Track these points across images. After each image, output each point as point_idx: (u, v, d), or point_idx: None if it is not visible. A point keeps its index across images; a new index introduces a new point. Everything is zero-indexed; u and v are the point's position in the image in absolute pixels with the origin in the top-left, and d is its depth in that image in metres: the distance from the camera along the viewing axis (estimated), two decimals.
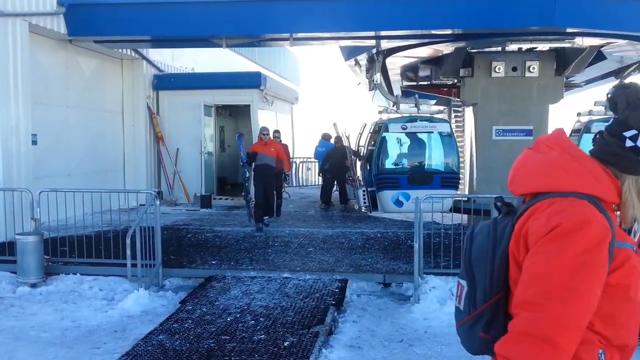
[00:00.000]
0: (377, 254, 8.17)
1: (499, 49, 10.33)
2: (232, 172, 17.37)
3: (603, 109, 10.93)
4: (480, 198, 9.36)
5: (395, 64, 11.99)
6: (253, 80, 14.02)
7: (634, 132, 1.49)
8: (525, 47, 10.17)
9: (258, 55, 20.31)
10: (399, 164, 10.80)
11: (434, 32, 9.60)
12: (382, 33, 9.79)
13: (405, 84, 13.26)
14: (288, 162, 12.20)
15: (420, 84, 12.97)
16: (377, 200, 10.50)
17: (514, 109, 10.47)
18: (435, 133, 10.55)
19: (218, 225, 10.69)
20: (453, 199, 9.57)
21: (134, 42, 11.75)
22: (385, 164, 10.61)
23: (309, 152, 16.49)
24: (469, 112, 11.88)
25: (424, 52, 11.02)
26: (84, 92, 11.92)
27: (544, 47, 10.19)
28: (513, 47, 10.05)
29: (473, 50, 10.42)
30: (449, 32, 9.55)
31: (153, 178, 13.83)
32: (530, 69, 10.35)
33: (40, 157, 10.13)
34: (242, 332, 5.17)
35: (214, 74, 15.40)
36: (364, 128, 12.35)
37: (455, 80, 11.55)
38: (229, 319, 5.50)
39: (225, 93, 14.11)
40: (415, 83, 13.05)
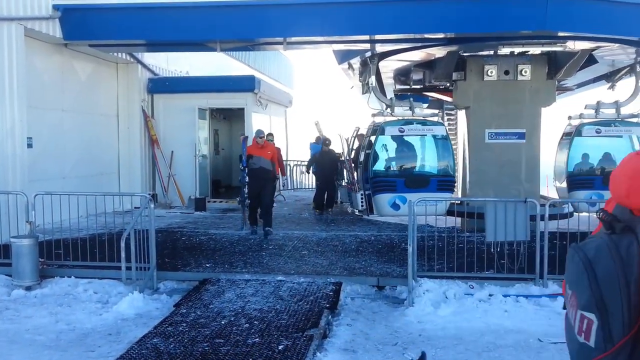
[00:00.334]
0: (371, 257, 8.23)
1: (491, 53, 10.43)
2: (226, 175, 17.41)
3: (593, 112, 11.02)
4: (474, 201, 9.46)
5: (388, 68, 12.07)
6: (247, 84, 14.09)
7: None
8: (518, 50, 10.27)
9: (252, 59, 20.37)
10: (396, 167, 10.82)
11: (427, 35, 9.68)
12: (375, 37, 9.87)
13: (398, 88, 13.33)
14: (282, 166, 11.98)
15: (413, 88, 13.04)
16: (372, 204, 10.45)
17: (507, 112, 10.56)
18: (431, 136, 10.60)
19: (212, 228, 10.72)
20: (449, 202, 9.64)
21: (129, 46, 11.78)
22: (382, 167, 10.61)
23: (303, 155, 16.55)
24: (462, 115, 11.96)
25: (417, 55, 11.10)
26: (79, 95, 11.94)
27: (536, 50, 10.29)
28: (505, 50, 10.16)
29: (465, 54, 10.51)
30: (442, 36, 9.64)
31: (148, 181, 13.86)
32: (523, 73, 10.44)
33: (36, 160, 10.15)
34: (236, 335, 5.20)
35: (209, 78, 15.46)
36: (358, 131, 12.36)
37: (448, 84, 11.63)
38: (223, 322, 5.54)
39: (220, 96, 14.18)
40: (408, 86, 13.12)
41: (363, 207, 10.62)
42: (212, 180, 15.11)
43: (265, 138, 10.87)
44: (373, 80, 10.68)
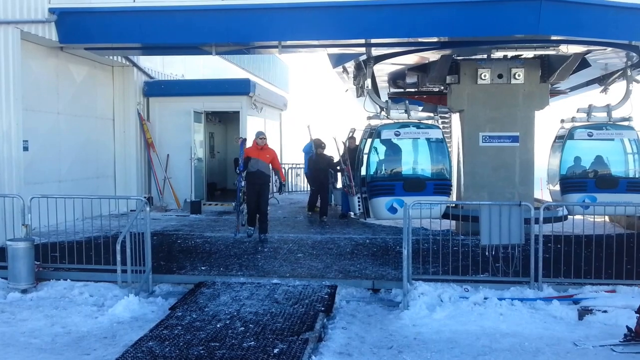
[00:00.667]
0: (366, 260, 8.26)
1: (485, 56, 10.51)
2: (221, 177, 17.43)
3: (585, 116, 11.13)
4: (469, 205, 9.50)
5: (383, 71, 12.13)
6: (242, 87, 14.12)
7: None
8: (511, 54, 10.35)
9: (247, 62, 20.41)
10: (393, 171, 10.81)
11: (421, 39, 9.74)
12: (370, 41, 9.92)
13: (393, 91, 13.38)
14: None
15: (407, 91, 13.10)
16: (368, 207, 10.41)
17: (500, 116, 10.63)
18: (428, 139, 10.63)
19: (208, 231, 10.73)
20: (445, 206, 9.67)
21: (125, 49, 11.79)
22: (379, 171, 10.61)
23: (298, 158, 16.57)
24: (456, 118, 12.03)
25: (411, 59, 11.16)
26: (75, 98, 11.94)
27: (529, 54, 10.37)
28: (499, 54, 10.23)
29: (459, 58, 10.58)
30: (436, 39, 9.70)
31: (143, 184, 13.85)
32: (516, 76, 10.53)
33: (32, 163, 10.15)
34: (231, 338, 5.22)
35: (204, 81, 15.48)
36: (354, 133, 12.35)
37: (442, 87, 11.70)
38: (219, 326, 5.56)
39: (215, 100, 14.20)
40: (403, 90, 13.18)
41: (360, 210, 10.62)
42: (207, 183, 15.12)
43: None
44: (369, 83, 10.73)
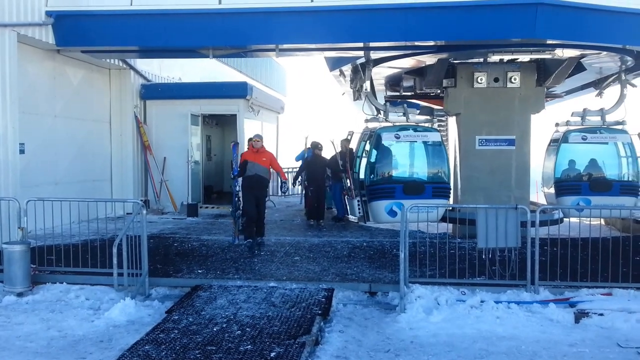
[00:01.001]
0: (363, 263, 8.26)
1: (481, 60, 10.55)
2: (218, 180, 17.41)
3: (580, 120, 11.24)
4: (465, 208, 9.53)
5: (379, 74, 12.17)
6: (239, 90, 14.15)
7: None
8: (507, 58, 10.40)
9: (245, 66, 20.43)
10: (393, 174, 10.80)
11: (418, 43, 9.77)
12: (367, 45, 9.95)
13: (389, 94, 13.42)
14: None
15: (404, 94, 13.14)
16: (367, 211, 10.36)
17: (497, 119, 10.68)
18: (427, 142, 10.66)
19: (204, 234, 10.71)
20: (445, 209, 9.69)
21: (122, 52, 11.80)
22: (379, 174, 10.60)
23: (295, 161, 16.55)
24: (453, 121, 12.06)
25: (408, 62, 11.20)
26: (72, 101, 11.93)
27: (525, 58, 10.43)
28: (495, 58, 10.28)
29: (456, 61, 10.62)
30: (432, 43, 9.73)
31: (140, 187, 13.84)
32: (512, 80, 10.58)
33: (28, 166, 10.13)
34: (228, 342, 5.21)
35: (201, 84, 15.50)
36: (352, 136, 12.35)
37: (439, 91, 11.73)
38: (215, 329, 5.54)
39: (212, 103, 14.24)
40: (399, 93, 13.22)
41: (360, 214, 10.59)
42: (204, 186, 15.11)
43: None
44: (368, 86, 10.75)
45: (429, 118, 11.31)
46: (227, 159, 16.69)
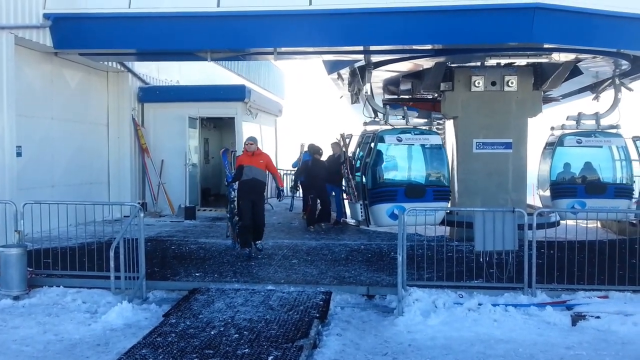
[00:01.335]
0: (360, 266, 8.26)
1: (479, 64, 10.59)
2: (216, 183, 17.40)
3: (575, 123, 11.35)
4: (463, 211, 9.54)
5: (377, 78, 12.19)
6: (237, 93, 14.15)
7: None
8: (504, 62, 10.44)
9: (243, 68, 20.44)
10: (395, 177, 10.79)
11: (415, 47, 9.80)
12: (364, 48, 9.97)
13: (387, 97, 13.45)
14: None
15: (402, 97, 13.18)
16: (369, 214, 10.32)
17: (494, 123, 10.72)
18: (428, 145, 10.68)
19: (202, 237, 10.70)
20: (445, 211, 9.70)
21: (120, 55, 11.79)
22: (382, 177, 10.58)
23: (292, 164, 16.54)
24: (450, 125, 12.10)
25: (405, 66, 11.23)
26: (69, 104, 11.91)
27: (522, 62, 10.47)
28: (492, 62, 10.32)
29: (453, 65, 10.66)
30: (430, 47, 9.76)
31: (138, 190, 13.82)
32: (509, 84, 10.63)
33: (25, 168, 10.10)
34: (225, 346, 5.20)
35: (199, 87, 15.49)
36: (351, 139, 12.35)
37: (436, 94, 11.77)
38: (213, 333, 5.53)
39: (210, 105, 14.24)
40: (397, 96, 13.25)
41: (362, 217, 10.55)
42: (201, 189, 15.10)
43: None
44: (368, 89, 10.77)
45: (430, 121, 11.35)
46: None
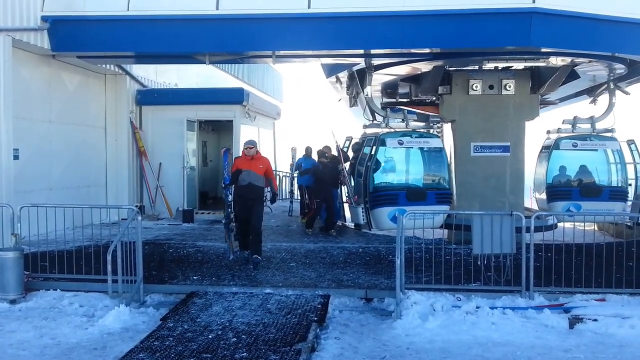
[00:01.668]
0: (359, 269, 8.26)
1: (476, 68, 10.62)
2: (214, 186, 17.38)
3: (570, 127, 11.43)
4: (461, 214, 9.55)
5: (376, 81, 12.20)
6: (236, 96, 14.16)
7: None
8: (502, 65, 10.47)
9: (241, 72, 20.45)
10: (397, 180, 10.76)
11: (414, 50, 9.83)
12: (363, 52, 9.99)
13: (385, 101, 13.47)
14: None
15: (400, 101, 13.20)
16: (370, 218, 10.28)
17: (492, 126, 10.75)
18: (429, 148, 10.70)
19: (200, 240, 10.68)
20: (446, 215, 9.70)
21: (118, 57, 11.78)
22: (383, 180, 10.56)
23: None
24: (448, 128, 12.13)
25: (404, 69, 11.26)
26: (67, 106, 11.90)
27: (520, 65, 10.50)
28: (490, 65, 10.35)
29: (451, 69, 10.68)
30: (428, 51, 9.79)
31: (135, 192, 13.79)
32: (507, 87, 10.66)
33: (22, 171, 10.07)
34: (223, 349, 5.18)
35: (197, 90, 15.50)
36: (351, 141, 12.34)
37: (434, 98, 11.79)
38: (211, 336, 5.52)
39: (208, 108, 14.22)
40: (395, 100, 13.27)
41: (365, 221, 10.52)
42: (199, 192, 15.07)
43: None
44: (369, 91, 10.78)
45: (431, 125, 11.38)
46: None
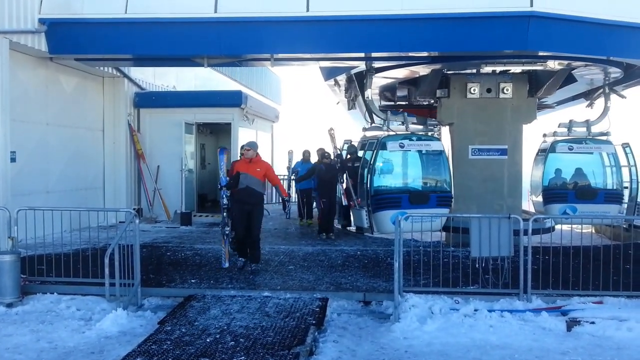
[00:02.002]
0: (357, 272, 8.25)
1: (474, 71, 10.65)
2: (212, 189, 17.37)
3: (566, 130, 11.52)
4: (459, 217, 9.56)
5: (374, 84, 12.21)
6: (234, 99, 14.17)
7: None
8: (499, 69, 10.50)
9: (239, 74, 20.47)
10: (399, 183, 10.75)
11: (412, 54, 9.85)
12: (361, 55, 10.00)
13: (383, 104, 13.50)
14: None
15: (398, 104, 13.23)
16: (372, 221, 10.26)
17: (489, 129, 10.78)
18: (430, 151, 10.71)
19: (198, 243, 10.66)
20: (446, 218, 9.71)
21: (116, 60, 11.78)
22: (385, 183, 10.55)
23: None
24: (446, 131, 12.15)
25: (402, 73, 11.28)
26: (64, 109, 11.88)
27: (517, 69, 10.53)
28: (487, 69, 10.39)
29: (449, 72, 10.71)
30: (426, 54, 9.81)
31: (133, 195, 13.77)
32: (504, 91, 10.70)
33: (19, 174, 10.04)
34: (221, 353, 5.17)
35: (195, 93, 15.51)
36: (350, 144, 12.33)
37: (432, 101, 11.82)
38: (209, 340, 5.50)
39: (207, 111, 14.24)
40: (393, 103, 13.30)
41: (367, 224, 10.49)
42: (198, 195, 15.07)
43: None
44: (370, 94, 10.80)
45: (432, 127, 11.39)
46: None
